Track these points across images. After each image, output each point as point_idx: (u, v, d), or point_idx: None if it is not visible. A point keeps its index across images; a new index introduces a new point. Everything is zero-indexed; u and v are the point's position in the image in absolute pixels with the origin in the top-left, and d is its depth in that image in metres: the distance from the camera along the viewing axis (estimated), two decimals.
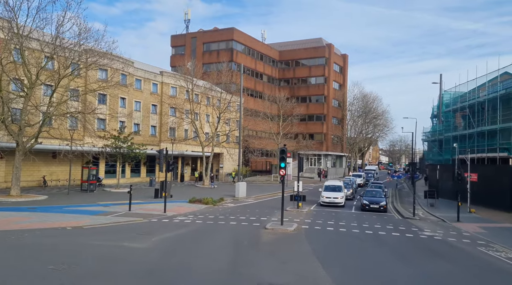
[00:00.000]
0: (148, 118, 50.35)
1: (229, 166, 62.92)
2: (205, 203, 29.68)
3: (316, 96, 79.49)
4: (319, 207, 31.01)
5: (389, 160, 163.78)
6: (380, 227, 22.16)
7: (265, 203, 33.60)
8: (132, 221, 21.56)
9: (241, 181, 37.04)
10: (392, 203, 35.69)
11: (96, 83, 34.58)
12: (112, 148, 37.60)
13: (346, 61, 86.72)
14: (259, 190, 43.25)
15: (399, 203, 35.39)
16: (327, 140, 78.51)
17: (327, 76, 79.37)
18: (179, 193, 37.23)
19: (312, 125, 78.39)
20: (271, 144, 65.98)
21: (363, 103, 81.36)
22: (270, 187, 50.40)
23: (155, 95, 50.89)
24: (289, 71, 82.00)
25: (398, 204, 34.76)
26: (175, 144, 50.33)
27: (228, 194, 37.57)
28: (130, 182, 47.72)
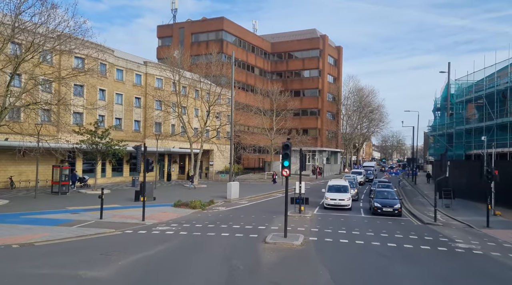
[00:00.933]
0: (131, 112, 45.92)
1: (220, 164, 58.76)
2: (193, 207, 25.55)
3: (310, 89, 75.57)
4: (323, 210, 27.04)
5: (382, 156, 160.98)
6: (402, 237, 18.26)
7: (261, 205, 29.57)
8: (101, 233, 17.36)
9: (233, 181, 32.94)
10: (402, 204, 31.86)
11: (66, 70, 30.08)
12: (88, 144, 33.24)
13: (340, 54, 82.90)
14: (252, 190, 39.22)
15: (410, 204, 31.57)
16: (321, 136, 74.73)
17: (322, 69, 75.49)
18: (163, 195, 33.02)
19: (306, 120, 74.49)
20: (264, 140, 61.95)
21: (358, 96, 77.66)
22: (264, 186, 46.36)
23: (138, 87, 46.46)
24: (282, 64, 77.93)
25: (409, 205, 30.93)
26: (161, 140, 46.07)
27: (219, 195, 33.47)
28: (111, 182, 43.34)
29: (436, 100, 53.66)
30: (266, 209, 26.95)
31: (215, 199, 31.12)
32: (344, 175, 44.86)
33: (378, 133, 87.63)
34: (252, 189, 40.60)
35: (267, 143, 61.48)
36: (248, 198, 33.69)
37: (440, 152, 41.42)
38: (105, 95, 42.17)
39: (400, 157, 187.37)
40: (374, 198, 25.54)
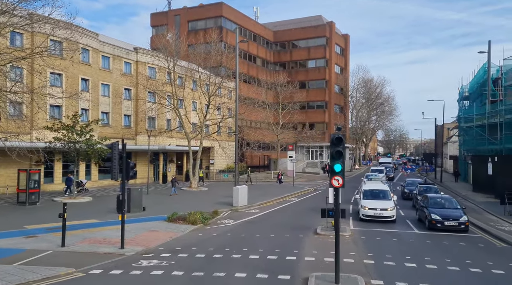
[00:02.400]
0: (120, 106, 39.61)
1: (222, 162, 52.56)
2: (192, 222, 19.36)
3: (316, 81, 69.30)
4: (360, 223, 20.75)
5: (386, 151, 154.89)
6: (504, 273, 12.13)
7: (277, 216, 23.39)
8: (50, 279, 11.16)
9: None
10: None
11: (37, 48, 23.72)
12: (64, 142, 27.03)
13: (347, 42, 76.64)
14: (261, 193, 33.07)
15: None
16: (329, 130, 68.49)
17: (329, 58, 69.24)
18: (156, 203, 26.83)
19: (313, 114, 68.26)
20: (270, 135, 55.77)
21: (367, 88, 71.43)
22: (273, 187, 40.17)
23: (128, 77, 40.11)
24: (285, 54, 71.62)
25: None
26: (155, 137, 39.84)
27: (224, 202, 27.34)
28: (98, 186, 37.04)
29: (462, 88, 47.58)
30: (286, 223, 20.82)
31: (220, 207, 25.01)
32: (370, 175, 38.80)
33: (387, 127, 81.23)
34: (260, 191, 34.45)
35: (273, 138, 55.31)
36: (259, 205, 27.52)
37: (477, 146, 35.32)
38: (89, 85, 35.86)
39: (402, 152, 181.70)
40: (428, 207, 19.29)
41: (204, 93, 37.82)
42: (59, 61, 32.63)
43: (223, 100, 45.66)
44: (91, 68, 36.00)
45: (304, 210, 25.01)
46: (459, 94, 48.48)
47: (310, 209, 25.32)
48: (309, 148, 68.43)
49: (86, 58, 35.56)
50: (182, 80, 42.94)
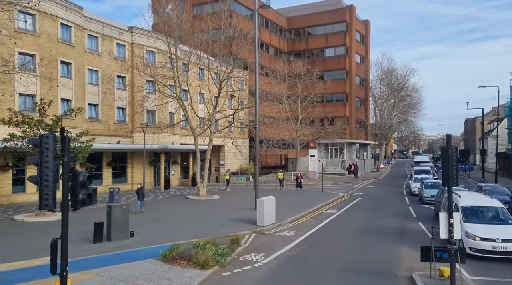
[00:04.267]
0: (112, 97, 32.23)
1: (234, 163, 45.06)
2: (201, 265, 11.82)
3: (335, 71, 61.37)
4: (475, 264, 12.76)
5: (399, 148, 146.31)
6: None
7: (326, 244, 15.68)
8: None
9: (266, 200, 18.91)
10: None
11: None
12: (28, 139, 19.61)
13: (368, 29, 68.74)
14: (287, 203, 25.50)
15: None
16: (350, 125, 60.73)
17: (349, 46, 61.39)
18: (151, 220, 19.31)
19: (332, 107, 60.19)
20: (287, 131, 48.13)
21: (392, 78, 63.42)
22: (296, 194, 32.56)
23: (121, 62, 32.69)
24: (300, 42, 63.83)
25: None
26: (156, 134, 32.42)
27: (243, 218, 19.85)
28: None
29: None
30: (347, 259, 13.23)
31: (238, 226, 17.61)
32: (418, 177, 31.12)
33: (411, 122, 72.98)
34: (285, 200, 26.86)
35: (291, 135, 47.67)
36: (291, 222, 19.92)
37: None
38: (72, 70, 28.47)
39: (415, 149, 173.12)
40: None
41: (215, 83, 30.20)
42: (32, 38, 25.38)
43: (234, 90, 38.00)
44: (74, 49, 28.60)
45: (361, 233, 17.35)
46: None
47: (368, 230, 17.73)
48: (328, 146, 60.62)
49: (67, 36, 28.15)
50: (187, 67, 35.51)
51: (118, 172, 33.53)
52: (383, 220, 19.94)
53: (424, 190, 25.07)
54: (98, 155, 31.66)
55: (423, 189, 25.42)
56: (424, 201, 24.63)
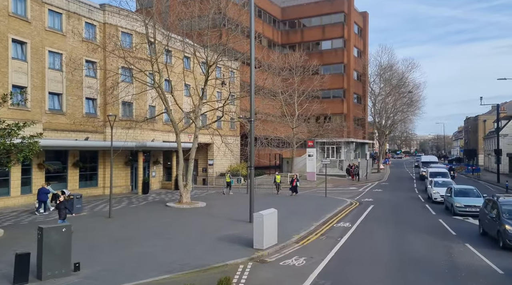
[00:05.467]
0: (80, 85, 27.06)
1: (223, 163, 40.22)
2: None
3: (333, 65, 56.78)
4: None
5: (393, 148, 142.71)
6: None
7: (355, 282, 10.91)
8: None
9: (265, 215, 14.09)
10: None
11: None
12: None
13: (366, 21, 64.38)
14: (286, 211, 20.82)
15: None
16: (348, 123, 56.23)
17: (347, 39, 56.89)
18: (114, 242, 14.23)
19: (329, 104, 55.24)
20: (283, 129, 43.44)
21: (392, 73, 59.14)
22: (299, 201, 27.75)
23: (91, 44, 27.44)
24: (295, 34, 59.14)
25: None
26: (133, 130, 27.37)
27: (234, 236, 15.02)
28: (23, 203, 24.01)
29: None
30: None
31: (229, 250, 12.85)
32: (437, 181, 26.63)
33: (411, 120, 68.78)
34: (284, 208, 22.13)
35: (288, 132, 42.99)
36: (297, 242, 15.15)
37: None
38: (27, 52, 23.28)
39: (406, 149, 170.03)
40: None
41: (200, 66, 25.18)
42: None
43: (225, 77, 32.97)
44: (31, 26, 23.42)
45: (399, 266, 12.49)
46: None
47: (405, 260, 12.93)
48: (324, 145, 56.09)
49: (20, 10, 22.96)
50: (170, 53, 30.60)
51: (87, 174, 28.39)
52: (416, 242, 15.26)
53: (454, 199, 20.61)
54: (62, 154, 26.56)
55: (452, 197, 20.94)
56: (456, 212, 20.14)
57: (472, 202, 19.93)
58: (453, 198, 20.78)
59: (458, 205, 20.14)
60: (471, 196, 20.92)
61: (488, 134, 59.31)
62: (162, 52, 25.03)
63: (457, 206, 20.16)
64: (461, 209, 19.97)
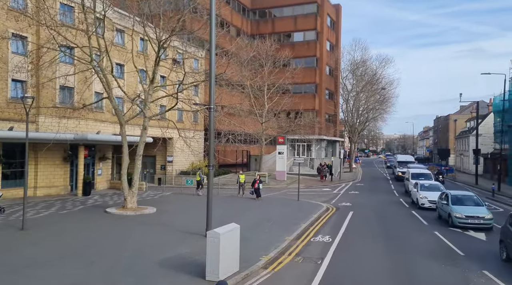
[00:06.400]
0: (5, 65, 21.99)
1: (183, 160, 35.88)
2: None
3: (305, 58, 53.28)
4: None
5: (361, 146, 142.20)
6: None
7: None
8: None
9: (223, 233, 10.24)
10: None
11: None
12: None
13: (339, 14, 61.43)
14: (252, 219, 17.07)
15: None
16: (320, 120, 53.03)
17: (320, 31, 53.70)
18: (9, 271, 9.78)
19: (300, 99, 51.68)
20: (251, 123, 39.62)
21: (366, 69, 56.54)
22: (267, 206, 23.95)
23: (20, 15, 22.37)
24: (265, 24, 55.39)
25: None
26: (77, 120, 22.67)
27: (182, 259, 10.87)
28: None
29: None
30: None
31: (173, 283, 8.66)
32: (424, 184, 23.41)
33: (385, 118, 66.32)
34: (250, 216, 18.35)
35: (256, 128, 39.20)
36: (266, 267, 11.29)
37: None
38: None
39: (373, 148, 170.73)
40: None
41: (151, 43, 20.67)
42: None
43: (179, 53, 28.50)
44: None
45: None
46: None
47: None
48: (295, 142, 52.73)
49: None
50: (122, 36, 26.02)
51: (15, 172, 23.36)
52: (419, 269, 11.70)
53: (452, 208, 17.28)
54: None
55: (450, 205, 17.55)
56: (454, 223, 16.92)
57: (475, 212, 16.68)
58: (450, 206, 17.48)
59: (458, 216, 16.75)
60: (471, 204, 17.68)
61: (460, 134, 58.03)
62: (103, 26, 20.39)
63: (456, 217, 16.80)
64: (461, 220, 16.63)
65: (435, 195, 21.33)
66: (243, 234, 13.09)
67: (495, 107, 41.86)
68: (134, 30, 22.66)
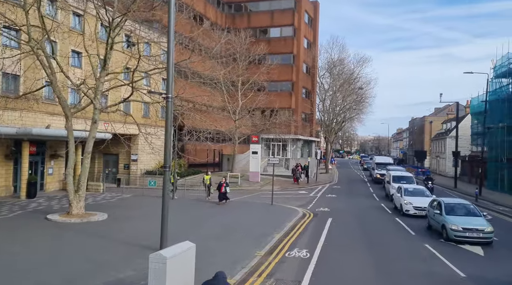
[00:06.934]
0: None
1: (148, 159, 32.99)
2: None
3: (282, 55, 51.03)
4: None
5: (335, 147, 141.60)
6: None
7: None
8: None
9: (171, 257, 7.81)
10: None
11: None
12: None
13: (317, 11, 59.76)
14: (217, 228, 14.62)
15: None
16: (296, 118, 51.04)
17: (297, 27, 51.70)
18: None
19: (276, 97, 49.35)
20: (224, 121, 37.13)
21: (343, 67, 55.00)
22: (236, 211, 21.57)
23: None
24: (241, 18, 52.93)
25: None
26: (23, 113, 19.56)
27: None
28: None
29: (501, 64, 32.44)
30: None
31: None
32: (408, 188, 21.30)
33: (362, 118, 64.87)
34: (214, 223, 15.89)
35: (229, 126, 36.73)
36: None
37: None
38: None
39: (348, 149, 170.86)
40: None
41: (104, 21, 17.80)
42: None
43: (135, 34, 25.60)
44: None
45: None
46: (494, 69, 33.11)
47: None
48: (270, 142, 50.51)
49: None
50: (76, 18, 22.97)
51: None
52: None
53: (447, 219, 14.96)
54: None
55: (444, 215, 15.23)
56: (450, 236, 14.56)
57: (473, 224, 14.44)
58: (444, 216, 15.22)
59: (453, 228, 14.44)
60: (467, 214, 15.44)
61: (436, 136, 57.31)
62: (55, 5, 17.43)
63: (452, 229, 14.47)
64: (458, 233, 14.34)
65: (421, 201, 19.42)
66: (205, 248, 10.66)
67: (472, 109, 40.99)
68: (86, 11, 19.79)
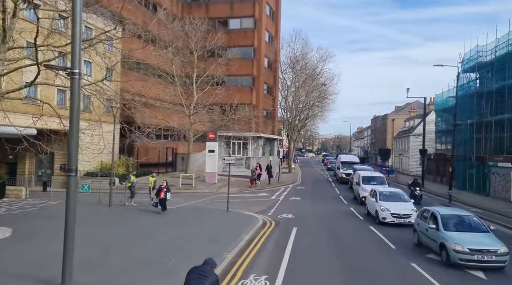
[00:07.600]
0: None
1: (91, 159, 28.51)
2: None
3: (242, 47, 48.04)
4: None
5: (297, 146, 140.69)
6: None
7: None
8: None
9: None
10: None
11: None
12: None
13: (279, 4, 57.23)
14: (155, 248, 11.23)
15: None
16: (257, 115, 48.10)
17: (258, 19, 48.79)
18: None
19: (236, 92, 45.87)
20: (177, 117, 33.52)
21: (306, 63, 52.73)
22: (186, 217, 18.21)
23: None
24: (198, 8, 49.26)
25: None
26: None
27: None
28: None
29: (467, 60, 31.09)
30: None
31: None
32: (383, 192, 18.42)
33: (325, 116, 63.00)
34: (153, 242, 12.53)
35: (183, 122, 33.15)
36: None
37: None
38: None
39: (309, 147, 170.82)
40: None
41: None
42: None
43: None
44: None
45: None
46: (462, 65, 31.74)
47: None
48: (230, 140, 47.27)
49: None
50: None
51: None
52: None
53: (448, 236, 11.63)
54: None
55: (442, 231, 11.98)
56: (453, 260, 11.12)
57: (482, 244, 11.11)
58: (443, 233, 11.90)
59: (458, 249, 11.02)
60: (472, 230, 12.12)
61: (398, 134, 56.54)
62: None
63: (456, 251, 11.04)
64: (463, 256, 10.91)
65: (399, 207, 16.95)
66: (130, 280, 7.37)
67: (436, 105, 39.87)
68: None
